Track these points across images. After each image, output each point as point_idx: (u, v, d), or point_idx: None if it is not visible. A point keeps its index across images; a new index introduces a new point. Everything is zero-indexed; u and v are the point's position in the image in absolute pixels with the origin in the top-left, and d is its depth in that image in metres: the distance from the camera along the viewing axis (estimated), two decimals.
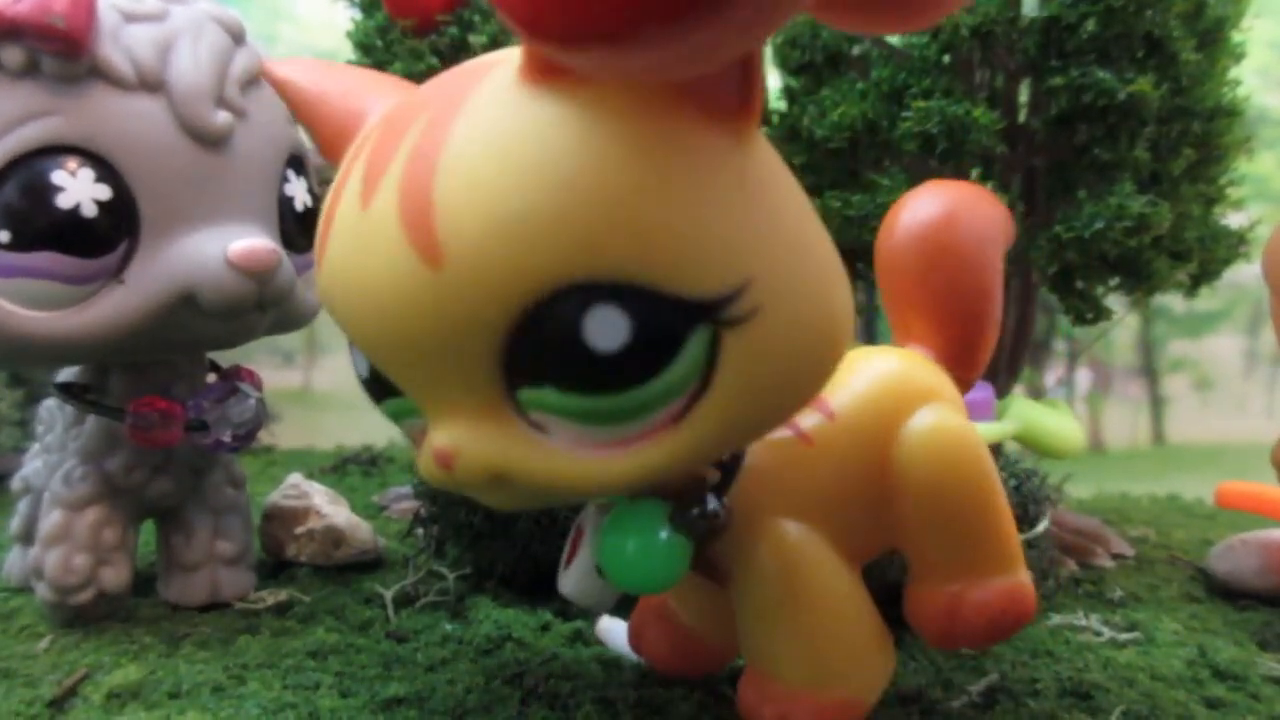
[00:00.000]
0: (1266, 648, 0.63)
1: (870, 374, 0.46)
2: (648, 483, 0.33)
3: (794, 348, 0.31)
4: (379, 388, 0.36)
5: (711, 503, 0.39)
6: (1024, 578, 0.45)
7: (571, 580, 0.45)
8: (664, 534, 0.38)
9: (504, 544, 0.67)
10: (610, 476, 0.32)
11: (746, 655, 0.44)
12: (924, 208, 0.50)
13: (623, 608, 0.53)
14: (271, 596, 0.66)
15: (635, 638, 0.54)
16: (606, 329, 0.29)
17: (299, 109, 0.41)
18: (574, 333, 0.29)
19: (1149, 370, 1.45)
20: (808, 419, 0.43)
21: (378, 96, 0.37)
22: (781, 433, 0.42)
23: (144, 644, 0.59)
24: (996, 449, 0.78)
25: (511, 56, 0.30)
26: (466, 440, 0.32)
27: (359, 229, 0.31)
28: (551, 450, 0.32)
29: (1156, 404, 1.50)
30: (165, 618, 0.64)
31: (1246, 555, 0.74)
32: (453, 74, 0.33)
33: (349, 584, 0.71)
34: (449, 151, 0.29)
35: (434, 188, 0.29)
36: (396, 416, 0.37)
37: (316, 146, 0.40)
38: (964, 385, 0.50)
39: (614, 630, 0.58)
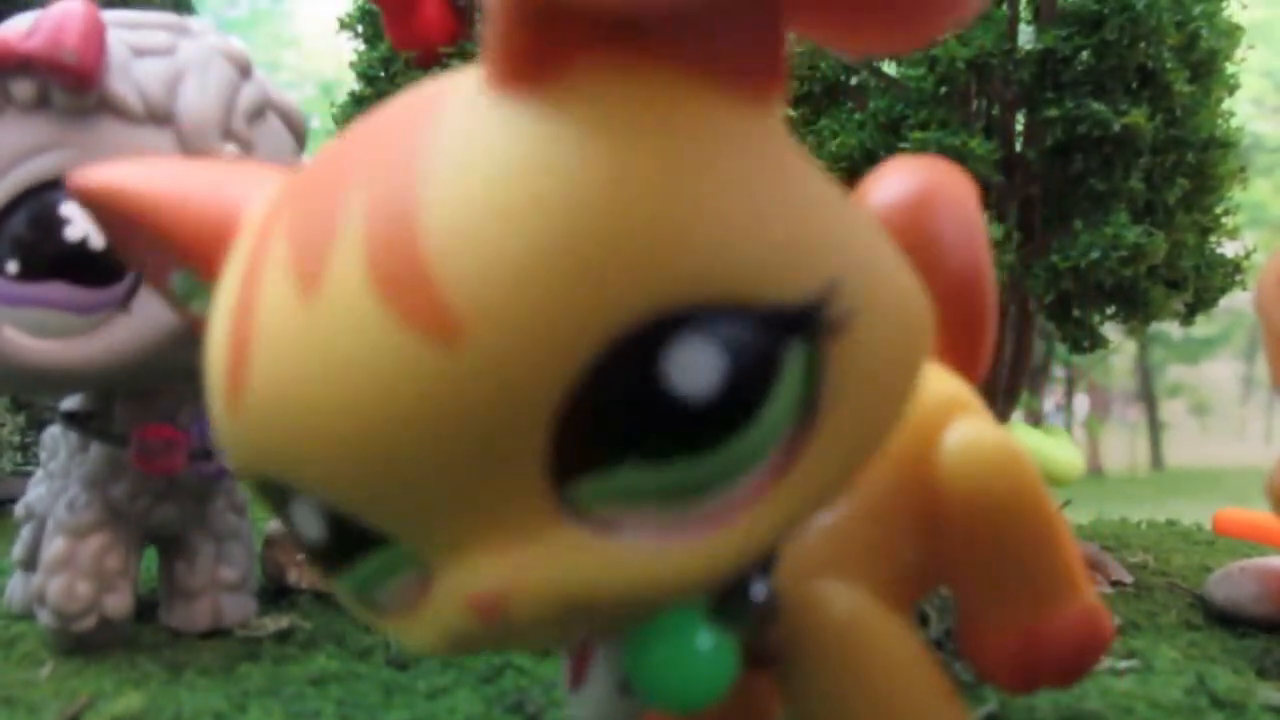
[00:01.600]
0: (1265, 675, 0.63)
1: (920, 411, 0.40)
2: (765, 550, 0.26)
3: (895, 352, 0.25)
4: (341, 551, 0.27)
5: (758, 588, 0.31)
6: (1094, 598, 0.40)
7: (589, 705, 0.36)
8: (705, 635, 0.29)
9: None
10: (717, 561, 0.25)
11: None
12: (895, 187, 0.43)
13: None
14: (273, 623, 0.67)
15: None
16: (694, 365, 0.22)
17: (146, 218, 0.32)
18: (652, 381, 0.22)
19: (1147, 395, 1.46)
20: None
21: (249, 184, 0.30)
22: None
23: (146, 671, 0.59)
24: None
25: (448, 84, 0.24)
26: (519, 570, 0.24)
27: (307, 328, 0.23)
28: (633, 551, 0.24)
29: (1155, 429, 1.50)
30: (167, 645, 0.64)
31: (1245, 582, 0.75)
32: (378, 119, 0.25)
33: (350, 611, 0.71)
34: (429, 195, 0.22)
35: (421, 243, 0.21)
36: (373, 581, 0.27)
37: (172, 258, 0.32)
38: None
39: None
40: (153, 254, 0.33)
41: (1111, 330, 0.87)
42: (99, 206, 0.34)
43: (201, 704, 0.53)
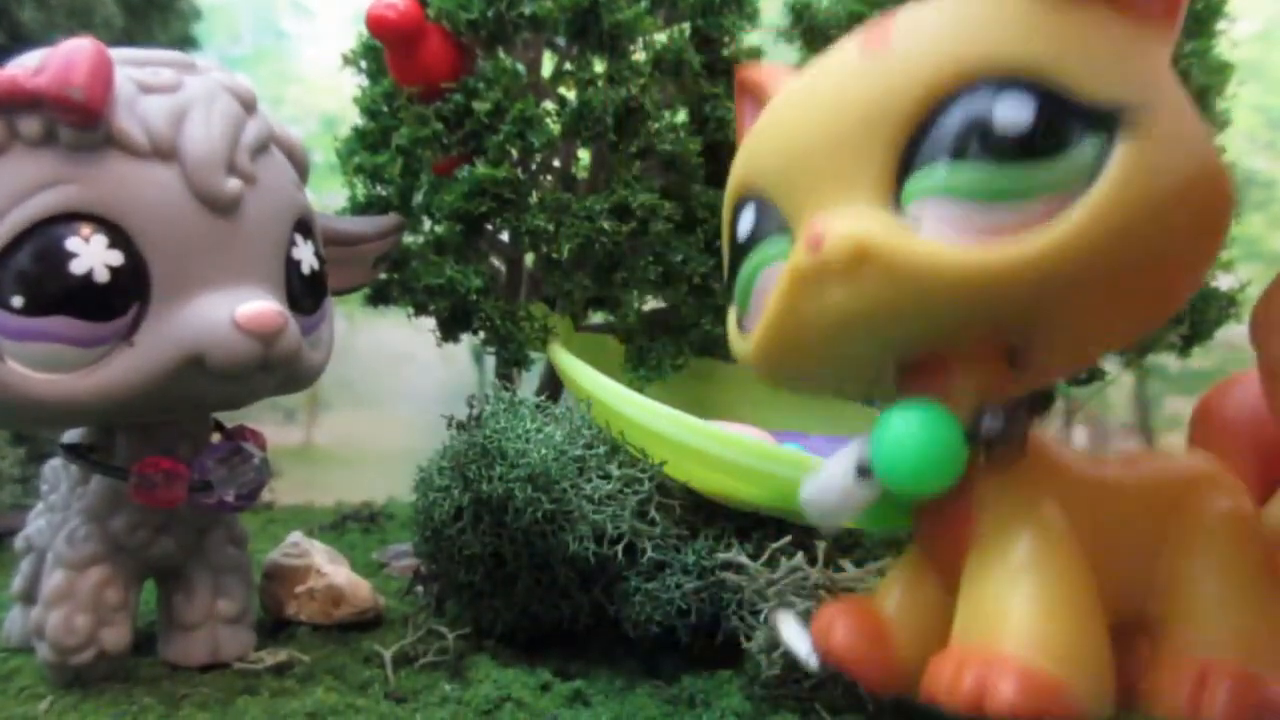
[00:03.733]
0: None
1: (1180, 456, 0.50)
2: (1012, 285, 0.35)
3: (1174, 178, 0.35)
4: (750, 240, 0.41)
5: (1014, 414, 0.40)
6: (1277, 686, 0.43)
7: (814, 485, 0.44)
8: (949, 431, 0.40)
9: (504, 602, 0.68)
10: (975, 267, 0.35)
11: (959, 625, 0.41)
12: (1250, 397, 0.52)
13: None
14: (271, 656, 0.66)
15: (822, 630, 0.49)
16: (1016, 109, 0.35)
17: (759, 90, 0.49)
18: (988, 108, 0.35)
19: (1145, 427, 1.46)
20: (1107, 460, 0.46)
21: None
22: (1078, 453, 0.45)
23: (144, 705, 0.58)
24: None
25: None
26: (840, 219, 0.37)
27: (819, 64, 0.41)
28: (923, 239, 0.36)
29: None
30: (165, 678, 0.64)
31: None
32: None
33: (349, 643, 0.71)
34: None
35: (899, 12, 0.38)
36: (754, 273, 0.42)
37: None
38: None
39: (792, 627, 0.55)
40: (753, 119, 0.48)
41: (1109, 363, 0.88)
42: (746, 91, 0.50)
43: None
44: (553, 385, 0.93)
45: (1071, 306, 0.38)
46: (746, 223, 0.42)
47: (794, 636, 0.54)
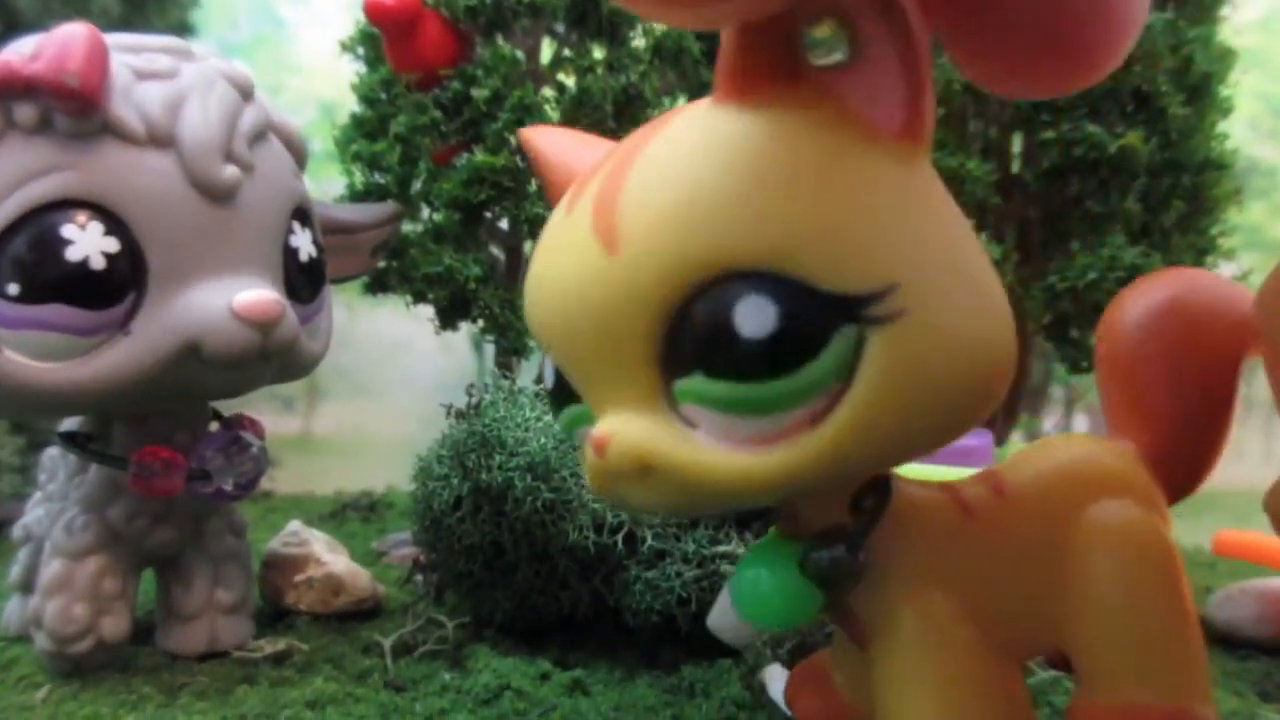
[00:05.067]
0: (1267, 699, 0.63)
1: (1055, 458, 0.43)
2: (785, 487, 0.34)
3: (938, 360, 0.32)
4: (560, 395, 0.39)
5: (840, 550, 0.38)
6: (1203, 711, 0.40)
7: (715, 612, 0.45)
8: (792, 573, 0.39)
9: (503, 592, 0.67)
10: (750, 474, 0.33)
11: None
12: (1163, 294, 0.46)
13: None
14: (270, 645, 0.66)
15: (791, 696, 0.52)
16: (756, 316, 0.31)
17: (544, 171, 0.45)
18: (726, 318, 0.31)
19: None
20: (972, 489, 0.42)
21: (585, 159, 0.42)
22: (940, 499, 0.41)
23: (142, 694, 0.58)
24: None
25: (690, 105, 0.35)
26: (620, 427, 0.34)
27: (559, 232, 0.37)
28: (698, 446, 0.34)
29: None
30: (164, 667, 0.64)
31: (1246, 604, 0.74)
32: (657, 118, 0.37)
33: (348, 632, 0.71)
34: (642, 157, 0.34)
35: (622, 186, 0.34)
36: (572, 426, 0.40)
37: (554, 195, 0.44)
38: (1175, 493, 0.46)
39: (776, 680, 0.58)
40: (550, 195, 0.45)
41: None
42: (533, 159, 0.46)
43: None
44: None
45: (855, 476, 0.38)
46: (549, 374, 0.40)
47: (779, 696, 0.55)
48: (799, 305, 0.31)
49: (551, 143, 0.45)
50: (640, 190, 0.33)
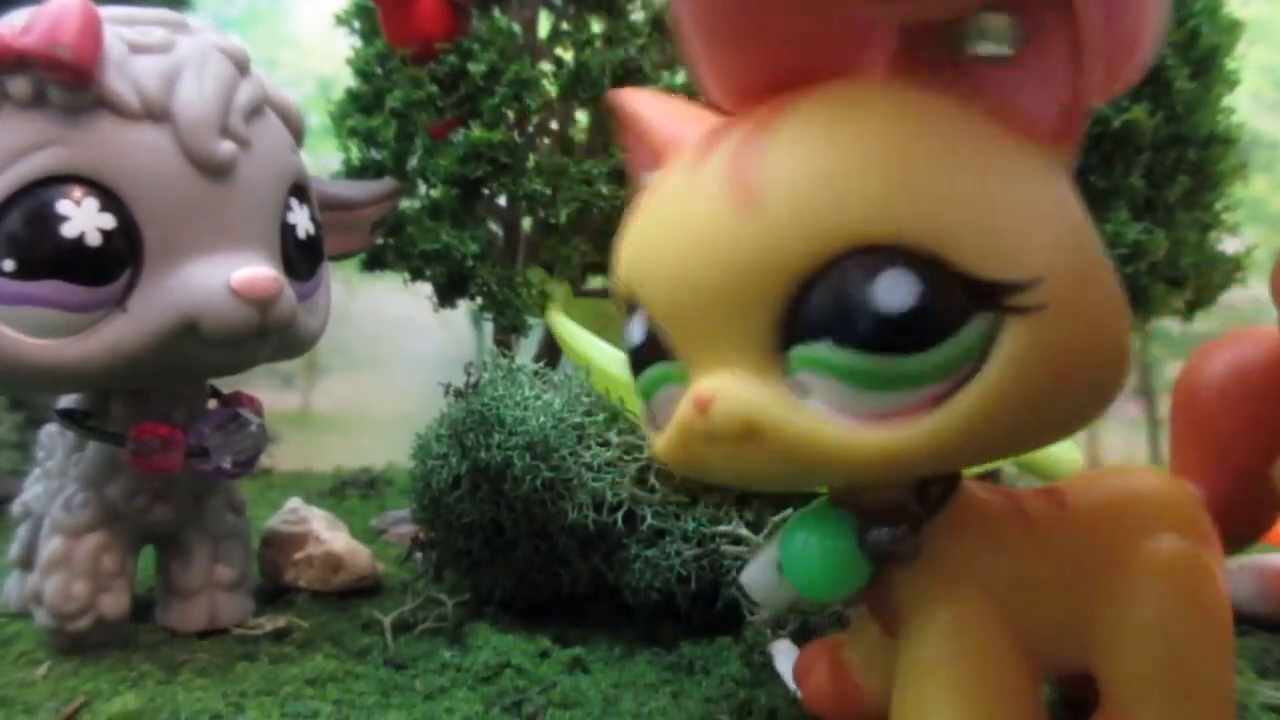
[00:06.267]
0: (1265, 675, 0.63)
1: (1122, 483, 0.44)
2: (892, 467, 0.33)
3: (1069, 357, 0.32)
4: (647, 354, 0.39)
5: (901, 531, 0.39)
6: None
7: (750, 572, 0.44)
8: (847, 543, 0.39)
9: (503, 570, 0.67)
10: (862, 449, 0.33)
11: (892, 712, 0.41)
12: (1252, 349, 0.47)
13: None
14: (270, 622, 0.66)
15: (802, 672, 0.52)
16: (896, 291, 0.31)
17: (643, 133, 0.44)
18: (865, 289, 0.31)
19: (1146, 391, 1.45)
20: (1034, 501, 0.42)
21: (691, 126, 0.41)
22: (1002, 504, 0.41)
23: (142, 671, 0.58)
24: (994, 472, 0.78)
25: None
26: (730, 386, 0.34)
27: (684, 187, 0.36)
28: (809, 413, 0.33)
29: (1154, 425, 1.50)
30: (164, 644, 0.64)
31: (1244, 580, 0.74)
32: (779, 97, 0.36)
33: (347, 610, 0.71)
34: (788, 122, 0.33)
35: (765, 148, 0.33)
36: (653, 386, 0.39)
37: (649, 158, 0.43)
38: (1230, 545, 0.46)
39: (784, 655, 0.57)
40: (639, 160, 0.45)
41: None
42: (623, 122, 0.46)
43: (198, 704, 0.53)
44: (551, 352, 0.92)
45: (964, 464, 0.38)
46: (637, 332, 0.39)
47: (787, 672, 0.55)
48: (942, 285, 0.31)
49: (651, 106, 0.44)
50: (789, 154, 0.33)
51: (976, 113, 0.32)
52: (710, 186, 0.34)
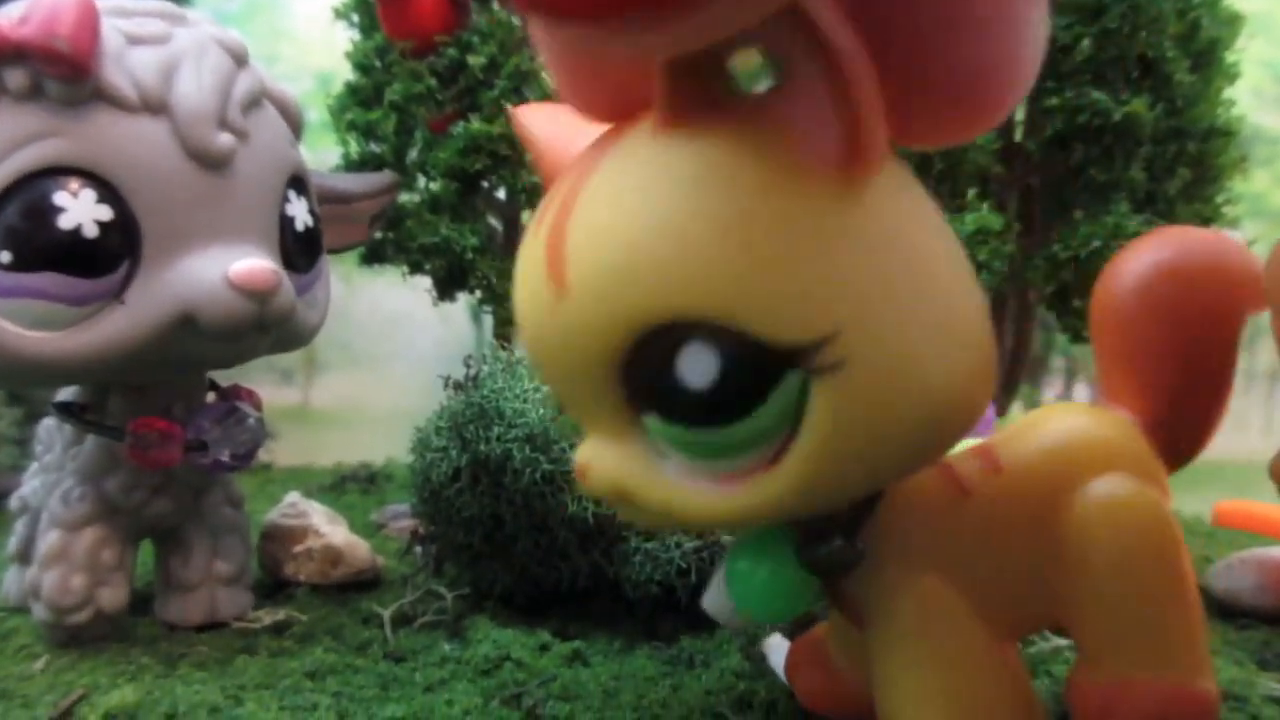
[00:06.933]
0: (1266, 667, 0.63)
1: (1052, 431, 0.43)
2: (751, 521, 0.34)
3: (886, 405, 0.31)
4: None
5: (837, 542, 0.38)
6: (1203, 685, 0.40)
7: (710, 596, 0.44)
8: (789, 566, 0.39)
9: (503, 564, 0.67)
10: (716, 511, 0.33)
11: (877, 706, 0.41)
12: (1159, 255, 0.45)
13: None
14: (269, 616, 0.66)
15: (790, 669, 0.52)
16: (698, 366, 0.30)
17: (535, 156, 0.43)
18: (669, 367, 0.31)
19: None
20: (967, 466, 0.41)
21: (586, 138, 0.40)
22: (935, 479, 0.40)
23: (141, 664, 0.58)
24: None
25: (633, 126, 0.33)
26: (596, 456, 0.35)
27: (526, 254, 0.35)
28: (667, 478, 0.34)
29: None
30: (163, 638, 0.64)
31: (1245, 574, 0.74)
32: (613, 128, 0.35)
33: (347, 603, 0.71)
34: (587, 188, 0.33)
35: (569, 222, 0.32)
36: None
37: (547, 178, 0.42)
38: (1175, 461, 0.45)
39: (777, 650, 0.58)
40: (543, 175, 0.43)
41: None
42: (524, 141, 0.45)
43: (197, 697, 0.53)
44: None
45: (819, 509, 0.37)
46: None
47: (780, 667, 0.55)
48: (742, 354, 0.30)
49: (543, 124, 0.42)
50: (584, 231, 0.32)
51: (758, 155, 0.30)
52: (536, 258, 0.34)
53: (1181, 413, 0.45)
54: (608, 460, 0.34)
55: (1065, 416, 0.44)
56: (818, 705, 0.50)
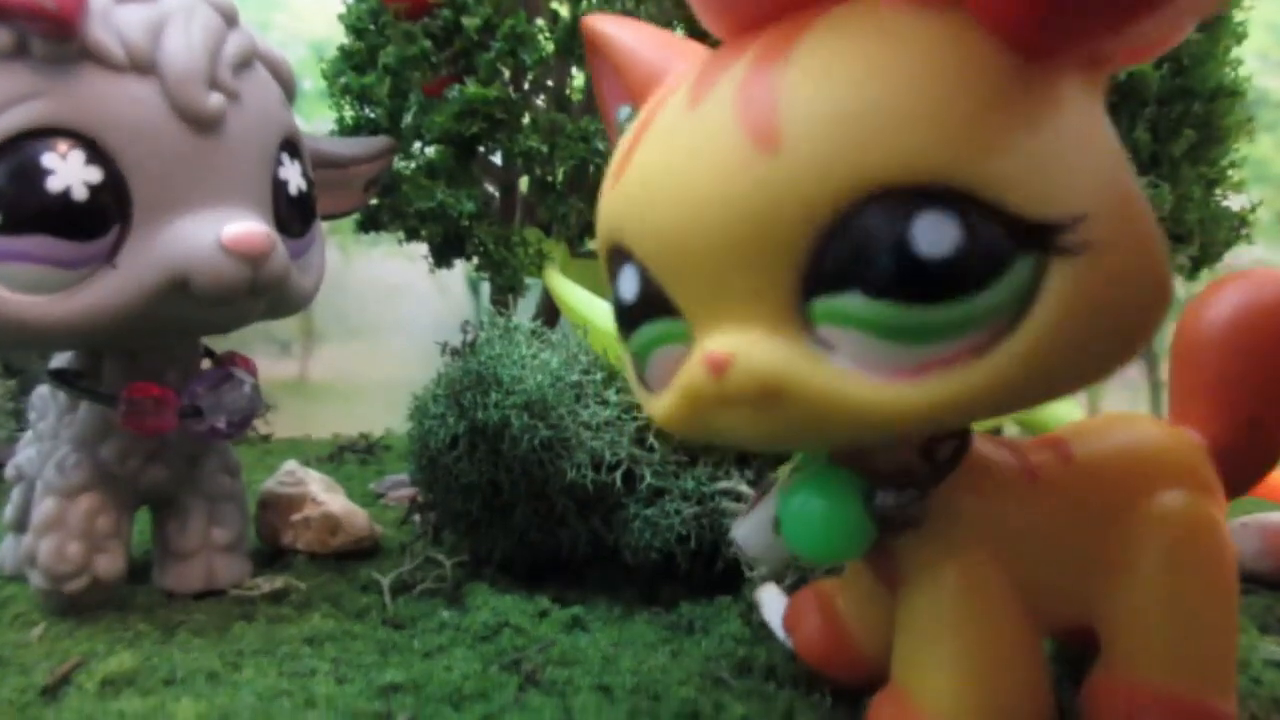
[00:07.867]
0: (1267, 631, 0.63)
1: (1127, 434, 0.43)
2: (933, 419, 0.31)
3: (1116, 295, 0.30)
4: (640, 311, 0.35)
5: (910, 496, 0.37)
6: (1226, 707, 0.40)
7: (745, 528, 0.43)
8: (854, 510, 0.38)
9: (501, 531, 0.67)
10: (895, 407, 0.30)
11: (894, 668, 0.41)
12: (1243, 297, 0.46)
13: None
14: (267, 584, 0.66)
15: (792, 619, 0.51)
16: (935, 234, 0.28)
17: (611, 57, 0.42)
18: (901, 233, 0.28)
19: (1147, 353, 1.45)
20: (1039, 454, 0.41)
21: (679, 57, 0.39)
22: (1008, 460, 0.40)
23: (139, 631, 0.58)
24: (995, 432, 0.78)
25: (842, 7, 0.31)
26: (747, 344, 0.31)
27: (683, 126, 0.32)
28: (836, 370, 0.30)
29: (1155, 387, 1.50)
30: (160, 605, 0.63)
31: (1247, 538, 0.74)
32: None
33: (345, 571, 0.70)
34: (802, 50, 0.30)
35: (780, 81, 0.30)
36: (649, 346, 0.36)
37: (626, 90, 0.41)
38: (1233, 489, 0.46)
39: (772, 603, 0.57)
40: (613, 92, 0.42)
41: None
42: (597, 50, 0.43)
43: (195, 663, 0.53)
44: (549, 311, 0.91)
45: (997, 415, 0.35)
46: (629, 288, 0.35)
47: (774, 617, 0.55)
48: (984, 226, 0.28)
49: (630, 33, 0.41)
50: (808, 86, 0.29)
51: (988, 37, 0.29)
52: (716, 124, 0.31)
53: (1249, 443, 0.46)
54: (761, 351, 0.31)
55: (1142, 425, 0.45)
56: (814, 658, 0.50)
